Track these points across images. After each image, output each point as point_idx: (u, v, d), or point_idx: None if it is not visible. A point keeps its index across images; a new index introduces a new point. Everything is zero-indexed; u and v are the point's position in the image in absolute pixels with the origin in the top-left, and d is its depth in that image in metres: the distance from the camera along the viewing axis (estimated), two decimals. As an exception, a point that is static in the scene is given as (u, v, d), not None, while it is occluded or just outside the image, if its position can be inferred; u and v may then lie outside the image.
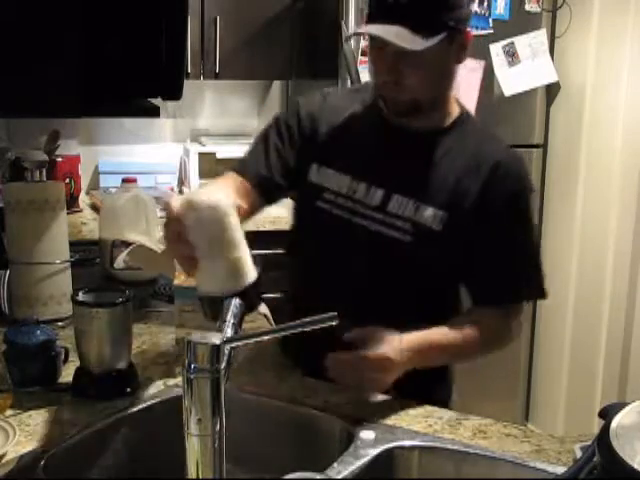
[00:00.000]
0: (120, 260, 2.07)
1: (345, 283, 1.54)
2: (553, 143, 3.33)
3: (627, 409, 0.85)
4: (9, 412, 1.34)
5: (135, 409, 1.36)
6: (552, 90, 3.27)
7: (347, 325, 1.17)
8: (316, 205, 1.56)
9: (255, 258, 1.27)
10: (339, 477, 1.16)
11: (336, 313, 0.98)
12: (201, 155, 3.37)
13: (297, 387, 1.47)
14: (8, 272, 1.79)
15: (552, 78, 3.22)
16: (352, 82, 2.87)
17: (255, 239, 1.91)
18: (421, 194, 1.49)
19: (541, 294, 1.63)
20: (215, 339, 0.99)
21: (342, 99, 1.62)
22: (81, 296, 1.43)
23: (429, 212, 1.48)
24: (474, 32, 3.07)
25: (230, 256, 1.19)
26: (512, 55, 3.16)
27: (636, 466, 0.75)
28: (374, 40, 1.43)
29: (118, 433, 1.32)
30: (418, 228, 1.48)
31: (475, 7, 3.09)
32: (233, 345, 1.01)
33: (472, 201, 1.48)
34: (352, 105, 1.58)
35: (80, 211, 3.13)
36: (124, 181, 2.25)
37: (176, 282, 1.84)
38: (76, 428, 1.28)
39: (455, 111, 1.55)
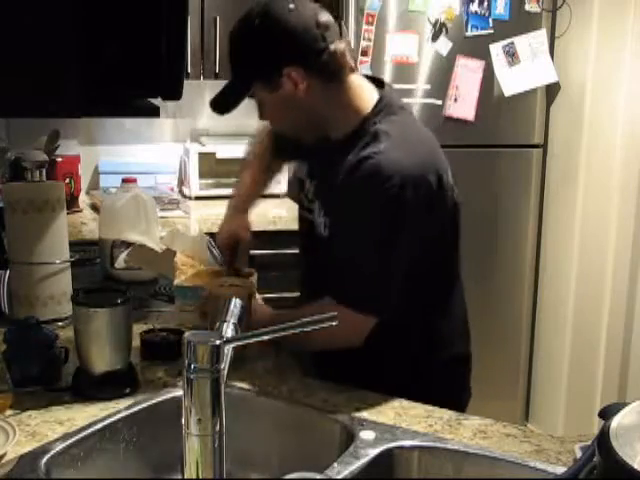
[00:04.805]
0: (121, 260, 2.07)
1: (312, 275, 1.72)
2: (553, 143, 3.33)
3: (627, 409, 0.85)
4: (9, 412, 1.34)
5: (135, 409, 1.36)
6: (552, 90, 3.27)
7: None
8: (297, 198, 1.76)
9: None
10: (339, 477, 1.16)
11: (335, 313, 1.00)
12: (201, 155, 3.37)
13: (297, 387, 1.47)
14: (8, 272, 1.79)
15: (552, 78, 3.23)
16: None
17: (255, 239, 1.92)
18: (322, 201, 1.59)
19: (354, 304, 1.46)
20: (215, 339, 0.99)
21: None
22: (81, 296, 1.43)
23: (321, 220, 1.57)
24: (474, 32, 3.11)
25: None
26: (512, 55, 3.16)
27: (636, 466, 0.75)
28: None
29: (118, 433, 1.32)
30: (320, 234, 1.58)
31: (475, 7, 3.09)
32: (233, 345, 1.02)
33: (332, 204, 1.54)
34: None
35: (80, 211, 3.13)
36: (124, 181, 2.25)
37: (176, 282, 1.84)
38: (76, 428, 1.28)
39: (356, 118, 1.53)
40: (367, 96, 1.55)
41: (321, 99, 1.52)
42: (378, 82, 1.60)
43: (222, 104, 1.57)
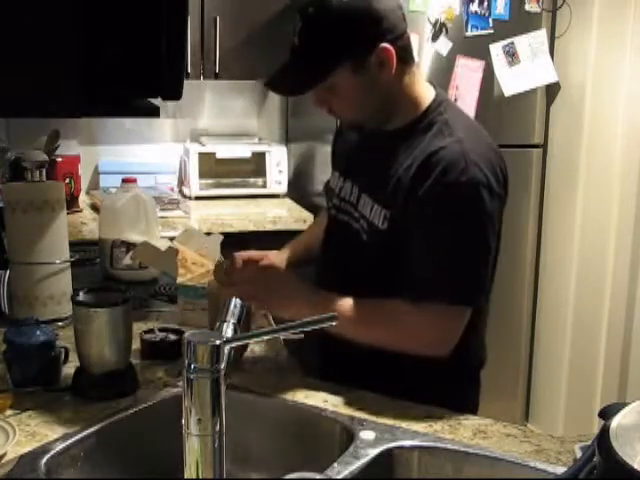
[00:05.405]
0: (127, 258, 2.08)
1: (331, 277, 1.62)
2: (553, 143, 3.33)
3: (627, 409, 0.85)
4: (9, 412, 1.34)
5: (135, 409, 1.36)
6: (552, 90, 3.27)
7: None
8: (328, 208, 1.70)
9: None
10: (339, 477, 1.16)
11: (335, 314, 1.00)
12: (201, 155, 3.37)
13: (297, 387, 1.47)
14: (8, 272, 1.79)
15: (552, 78, 3.22)
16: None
17: (255, 239, 1.91)
18: (375, 194, 1.52)
19: (456, 298, 1.43)
20: (215, 339, 0.99)
21: None
22: (81, 296, 1.43)
23: (377, 211, 1.50)
24: (474, 32, 3.11)
25: None
26: (512, 55, 3.16)
27: (636, 466, 0.75)
28: None
29: (118, 433, 1.32)
30: (371, 227, 1.51)
31: (475, 7, 3.09)
32: (233, 345, 1.01)
33: (404, 196, 1.45)
34: None
35: (80, 211, 3.13)
36: (124, 181, 2.25)
37: (179, 280, 1.84)
38: (76, 428, 1.28)
39: (417, 108, 1.51)
40: (426, 87, 1.54)
41: (398, 82, 1.49)
42: None
43: (294, 87, 1.51)
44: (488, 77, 3.16)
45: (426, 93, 1.53)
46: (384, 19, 1.44)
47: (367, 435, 1.27)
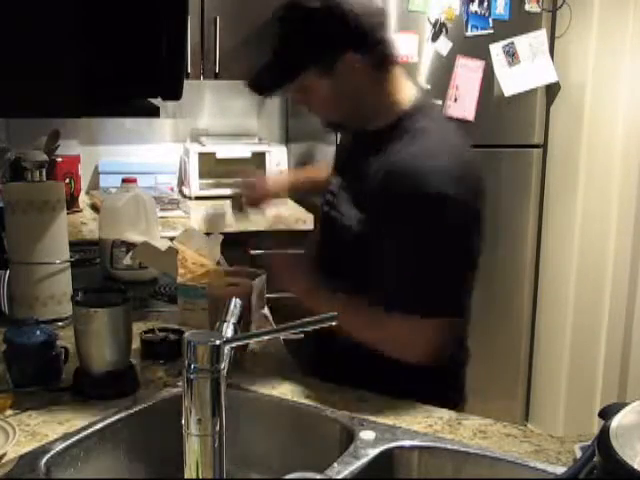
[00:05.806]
0: (127, 258, 2.08)
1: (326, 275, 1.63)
2: (553, 143, 3.33)
3: (627, 409, 0.85)
4: (9, 412, 1.34)
5: (135, 409, 1.36)
6: (552, 90, 3.27)
7: None
8: (321, 205, 1.70)
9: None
10: (339, 477, 1.16)
11: (335, 313, 1.00)
12: (201, 155, 3.37)
13: (297, 387, 1.47)
14: (8, 272, 1.79)
15: (552, 78, 3.22)
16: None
17: (256, 239, 1.91)
18: (351, 194, 1.53)
19: (425, 312, 1.41)
20: (215, 339, 0.99)
21: None
22: (81, 296, 1.43)
23: (352, 212, 1.51)
24: (474, 32, 3.11)
25: None
26: (512, 55, 3.16)
27: (636, 466, 0.75)
28: None
29: (118, 433, 1.32)
30: (349, 228, 1.52)
31: (475, 7, 3.09)
32: (233, 345, 1.01)
33: (371, 202, 1.46)
34: None
35: (80, 211, 3.13)
36: (124, 181, 2.25)
37: (179, 280, 1.84)
38: (76, 428, 1.28)
39: (394, 113, 1.50)
40: (407, 91, 1.53)
41: (374, 87, 1.49)
42: None
43: (264, 86, 1.56)
44: (488, 77, 3.16)
45: (405, 98, 1.52)
46: (356, 26, 1.43)
47: (367, 435, 1.27)
